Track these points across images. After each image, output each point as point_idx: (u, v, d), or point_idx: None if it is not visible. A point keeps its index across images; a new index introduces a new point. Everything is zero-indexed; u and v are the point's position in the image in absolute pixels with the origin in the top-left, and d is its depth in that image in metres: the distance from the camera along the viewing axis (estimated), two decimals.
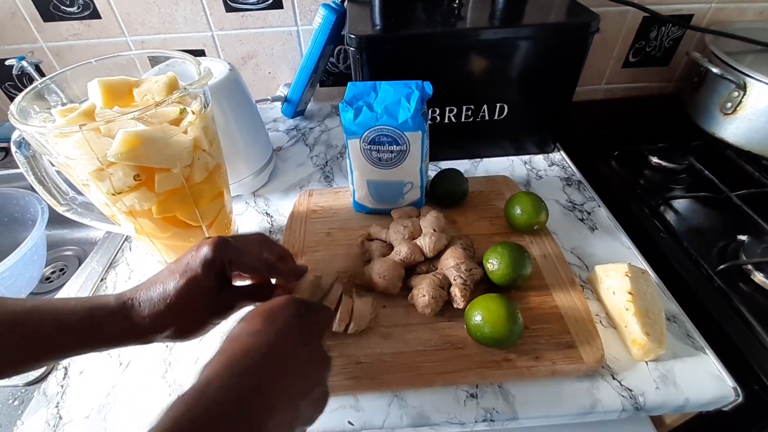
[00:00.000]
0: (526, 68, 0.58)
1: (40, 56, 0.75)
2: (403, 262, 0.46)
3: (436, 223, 0.49)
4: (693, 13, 0.76)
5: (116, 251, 0.56)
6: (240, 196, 0.63)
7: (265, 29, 0.76)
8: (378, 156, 0.49)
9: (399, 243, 0.48)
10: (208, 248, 0.31)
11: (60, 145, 0.34)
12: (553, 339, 0.41)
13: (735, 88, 0.63)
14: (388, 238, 0.50)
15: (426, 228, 0.49)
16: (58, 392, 0.41)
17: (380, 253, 0.48)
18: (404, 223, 0.50)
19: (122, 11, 0.72)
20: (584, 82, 0.84)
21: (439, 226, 0.49)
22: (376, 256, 0.48)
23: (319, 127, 0.80)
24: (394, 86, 0.48)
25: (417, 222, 0.50)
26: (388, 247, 0.49)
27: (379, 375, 0.39)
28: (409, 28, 0.57)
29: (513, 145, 0.68)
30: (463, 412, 0.38)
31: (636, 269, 0.44)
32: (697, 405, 0.38)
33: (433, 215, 0.50)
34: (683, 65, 0.83)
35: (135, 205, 0.39)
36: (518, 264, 0.43)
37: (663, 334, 0.40)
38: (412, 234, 0.49)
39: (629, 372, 0.39)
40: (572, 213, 0.57)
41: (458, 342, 0.41)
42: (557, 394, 0.38)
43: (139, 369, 0.42)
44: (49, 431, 0.38)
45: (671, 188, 0.64)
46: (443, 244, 0.47)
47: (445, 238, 0.48)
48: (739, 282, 0.49)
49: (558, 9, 0.60)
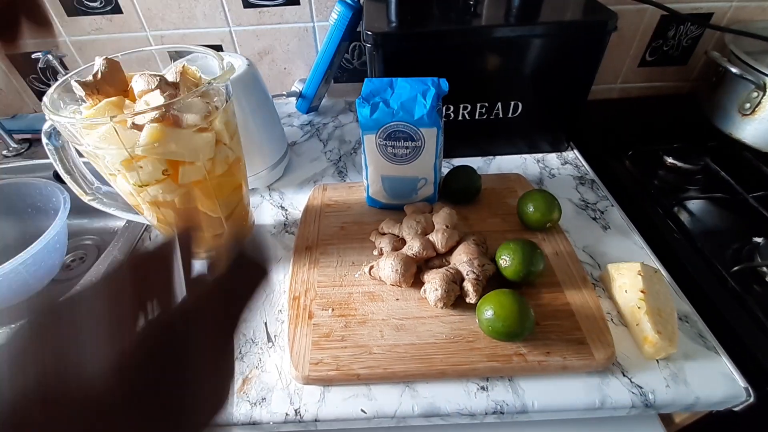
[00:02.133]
0: (541, 66, 0.58)
1: (63, 50, 0.77)
2: (416, 256, 0.47)
3: (448, 220, 0.49)
4: (713, 12, 0.75)
5: (137, 240, 0.58)
6: (255, 189, 0.65)
7: (282, 25, 0.77)
8: (393, 152, 0.50)
9: (412, 238, 0.48)
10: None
11: (90, 136, 0.36)
12: (564, 335, 0.41)
13: (754, 88, 0.63)
14: (401, 232, 0.51)
15: (438, 224, 0.50)
16: None
17: (393, 248, 0.49)
18: (417, 218, 0.50)
19: (143, 6, 0.74)
20: (599, 81, 0.84)
21: (452, 222, 0.49)
22: (388, 250, 0.49)
23: (332, 122, 0.81)
24: (410, 83, 0.49)
25: (430, 218, 0.51)
26: (400, 242, 0.50)
27: (392, 365, 0.40)
28: (425, 25, 0.57)
29: (526, 143, 0.68)
30: (474, 403, 0.38)
31: (649, 268, 0.44)
32: (707, 404, 0.38)
33: (446, 212, 0.50)
34: (701, 64, 0.82)
35: (159, 195, 0.40)
36: (530, 260, 0.43)
37: (675, 333, 0.40)
38: (425, 229, 0.50)
39: (640, 370, 0.40)
40: (585, 212, 0.57)
41: (469, 335, 0.42)
42: (567, 389, 0.39)
43: None
44: None
45: (686, 189, 0.64)
46: (455, 240, 0.48)
47: (457, 234, 0.48)
48: (753, 284, 0.48)
49: (575, 7, 0.60)
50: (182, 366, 0.20)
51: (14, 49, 0.78)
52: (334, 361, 0.40)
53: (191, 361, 0.20)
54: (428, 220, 0.50)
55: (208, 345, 0.21)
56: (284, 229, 0.58)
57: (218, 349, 0.22)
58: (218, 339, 0.22)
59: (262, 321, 0.46)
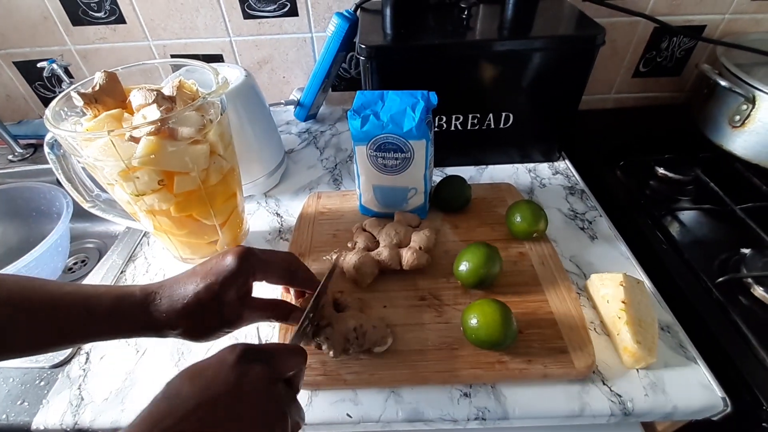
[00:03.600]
0: (531, 79, 0.59)
1: (68, 59, 0.79)
2: (380, 263, 0.49)
3: (424, 242, 0.51)
4: (705, 24, 0.76)
5: (135, 245, 0.59)
6: (252, 196, 0.66)
7: (281, 36, 0.79)
8: (383, 162, 0.51)
9: (385, 245, 0.50)
10: (233, 259, 0.32)
11: (89, 148, 0.37)
12: (546, 344, 0.42)
13: (744, 101, 0.63)
14: (378, 235, 0.52)
15: (414, 242, 0.51)
16: (80, 375, 0.44)
17: (365, 246, 0.51)
18: (398, 229, 0.52)
19: (146, 17, 0.76)
20: (594, 91, 0.85)
21: (426, 246, 0.50)
22: (361, 246, 0.51)
23: (330, 130, 0.82)
24: (400, 96, 0.50)
25: (410, 232, 0.52)
26: (375, 244, 0.52)
27: (378, 371, 0.41)
28: (419, 39, 0.59)
29: (518, 152, 0.69)
30: (457, 409, 0.39)
31: (631, 279, 0.45)
32: (685, 413, 0.39)
33: (425, 234, 0.51)
34: (695, 76, 0.83)
35: (155, 204, 0.42)
36: (486, 264, 0.45)
37: (654, 343, 0.41)
38: (401, 242, 0.51)
39: (619, 378, 0.41)
40: (573, 222, 0.58)
41: (454, 343, 0.43)
42: (548, 396, 0.40)
43: (155, 357, 0.45)
44: (72, 411, 0.41)
45: (677, 199, 0.65)
46: (422, 263, 0.49)
47: (426, 259, 0.49)
48: (738, 295, 0.49)
49: (566, 21, 0.61)
50: None
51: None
52: (322, 366, 0.42)
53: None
54: (407, 234, 0.52)
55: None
56: (279, 235, 0.59)
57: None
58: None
59: (254, 325, 0.47)
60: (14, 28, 0.77)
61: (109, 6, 0.74)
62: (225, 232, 0.51)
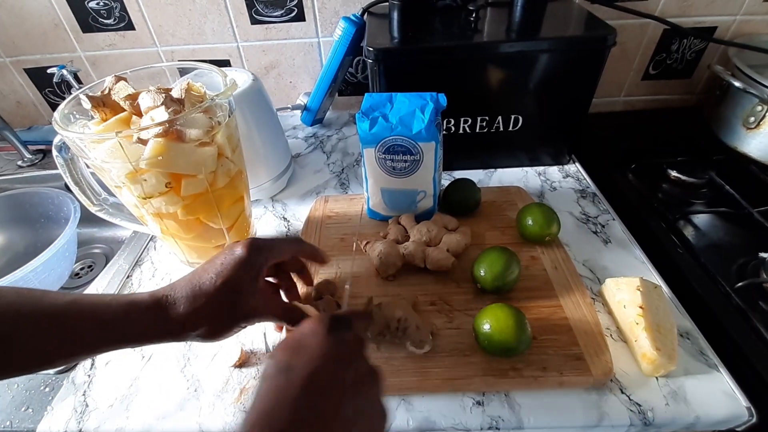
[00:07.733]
0: (541, 81, 0.59)
1: (78, 65, 0.80)
2: (405, 257, 0.48)
3: (453, 244, 0.50)
4: (717, 26, 0.75)
5: (142, 250, 0.59)
6: (259, 200, 0.66)
7: (288, 41, 0.79)
8: (392, 165, 0.50)
9: (414, 240, 0.50)
10: (242, 249, 0.32)
11: (97, 150, 0.37)
12: (562, 350, 0.41)
13: (758, 102, 0.62)
14: (411, 230, 0.52)
15: (444, 243, 0.50)
16: (85, 381, 0.43)
17: (395, 238, 0.52)
18: (431, 227, 0.51)
19: (155, 23, 0.77)
20: (603, 94, 0.84)
21: (455, 249, 0.50)
22: (391, 238, 0.51)
23: (336, 135, 0.82)
24: (409, 98, 0.49)
25: (443, 233, 0.52)
26: (406, 238, 0.52)
27: (388, 378, 0.39)
28: (427, 41, 0.58)
29: (527, 156, 0.68)
30: (469, 418, 0.38)
31: (648, 283, 0.44)
32: (708, 424, 0.37)
33: (457, 239, 0.50)
34: (706, 78, 0.82)
35: (162, 207, 0.41)
36: (505, 270, 0.44)
37: (674, 349, 0.39)
38: (430, 241, 0.50)
39: (638, 387, 0.39)
40: (586, 225, 0.57)
41: (466, 350, 0.42)
42: (564, 405, 0.38)
43: (160, 363, 0.45)
44: (77, 417, 0.40)
45: (690, 203, 0.63)
46: (446, 266, 0.48)
47: (452, 261, 0.48)
48: (758, 300, 0.48)
49: (575, 22, 0.61)
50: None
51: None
52: None
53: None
54: (439, 235, 0.51)
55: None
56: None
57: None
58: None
59: (261, 331, 0.46)
60: (25, 35, 0.77)
61: (118, 13, 0.75)
62: (232, 236, 0.50)
